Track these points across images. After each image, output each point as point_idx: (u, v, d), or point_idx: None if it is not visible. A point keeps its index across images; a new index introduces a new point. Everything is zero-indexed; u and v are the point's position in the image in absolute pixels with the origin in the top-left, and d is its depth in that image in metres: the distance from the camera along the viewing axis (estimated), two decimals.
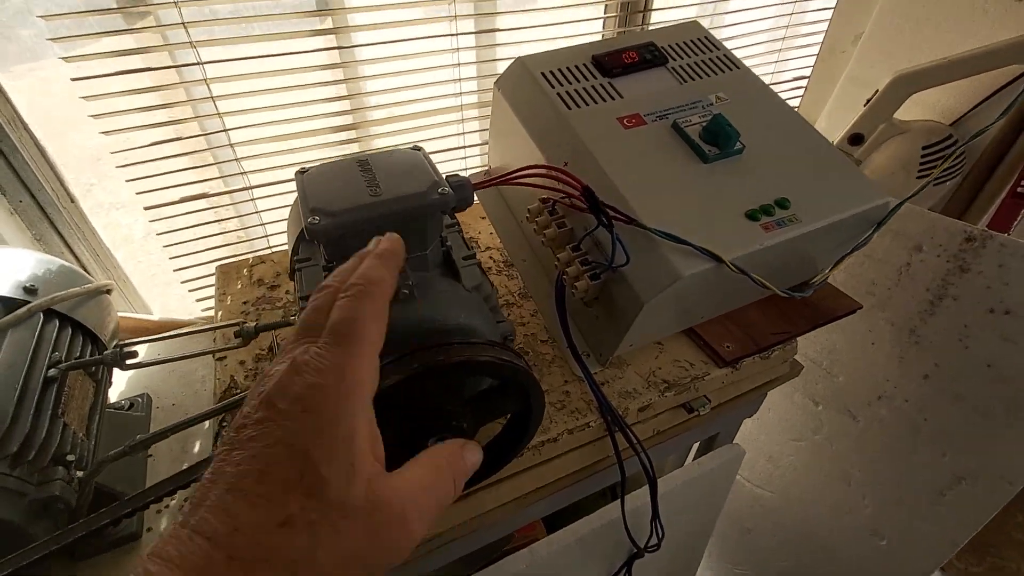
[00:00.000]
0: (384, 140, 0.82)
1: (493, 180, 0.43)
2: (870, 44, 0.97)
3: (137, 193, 0.67)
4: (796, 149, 0.53)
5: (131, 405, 0.59)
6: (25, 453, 0.40)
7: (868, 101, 0.79)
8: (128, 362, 0.48)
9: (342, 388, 0.21)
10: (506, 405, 0.41)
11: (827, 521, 0.87)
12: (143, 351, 0.69)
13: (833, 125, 1.01)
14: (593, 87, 0.56)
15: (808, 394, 0.87)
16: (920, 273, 0.69)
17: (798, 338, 0.60)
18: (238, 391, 0.54)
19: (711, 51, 0.61)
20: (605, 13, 0.90)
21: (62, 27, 0.55)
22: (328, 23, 0.71)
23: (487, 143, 0.78)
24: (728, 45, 1.03)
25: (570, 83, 0.56)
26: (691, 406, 0.56)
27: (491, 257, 0.71)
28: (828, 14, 1.06)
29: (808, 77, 1.12)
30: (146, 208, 0.69)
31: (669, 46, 0.61)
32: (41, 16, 0.53)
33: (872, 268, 0.75)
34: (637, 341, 0.54)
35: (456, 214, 0.52)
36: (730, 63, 0.60)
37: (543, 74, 0.56)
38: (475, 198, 0.44)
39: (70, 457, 0.44)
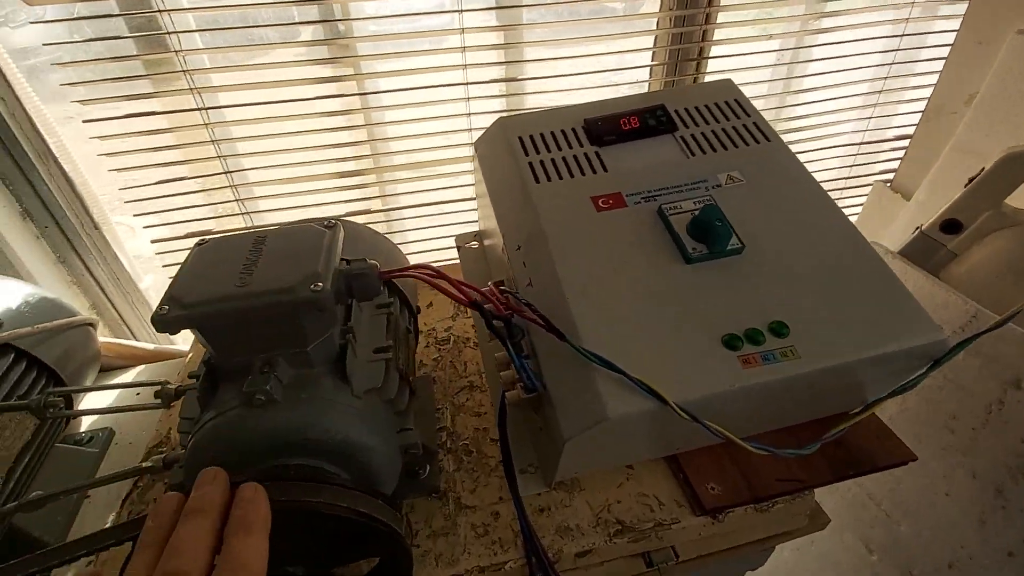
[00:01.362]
0: (399, 187, 0.80)
1: (391, 272, 0.37)
2: (984, 107, 0.78)
3: (144, 227, 0.70)
4: (819, 255, 0.41)
5: (90, 439, 0.60)
6: None
7: (971, 180, 0.62)
8: (50, 412, 0.47)
9: None
10: (358, 552, 0.34)
11: None
12: (131, 376, 0.70)
13: (934, 200, 0.82)
14: (575, 156, 0.48)
15: (861, 537, 0.69)
16: (1017, 417, 0.52)
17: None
18: (163, 450, 0.51)
19: (737, 118, 0.51)
20: (652, 60, 0.81)
21: (74, 74, 0.58)
22: (343, 69, 0.70)
23: None
24: (810, 97, 0.89)
25: (550, 151, 0.48)
26: (651, 558, 0.45)
27: (474, 326, 0.64)
28: (938, 65, 0.87)
29: (910, 137, 0.93)
30: (152, 241, 0.71)
31: (685, 110, 0.51)
32: (56, 64, 0.57)
33: (953, 397, 0.57)
34: (581, 470, 0.45)
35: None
36: (759, 133, 0.49)
37: (521, 139, 0.49)
38: (382, 287, 0.38)
39: None
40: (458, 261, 0.64)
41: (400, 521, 0.32)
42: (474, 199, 0.86)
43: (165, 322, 0.32)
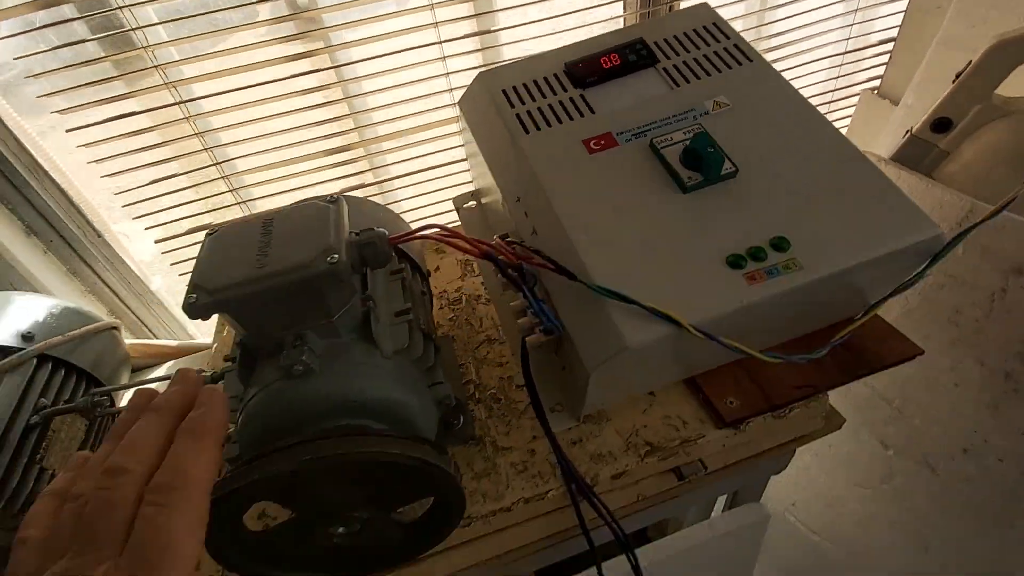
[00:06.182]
0: (388, 156, 0.80)
1: (401, 237, 0.38)
2: None
3: (146, 229, 0.70)
4: (812, 168, 0.42)
5: None
6: None
7: (959, 75, 0.62)
8: (99, 410, 0.50)
9: None
10: (415, 494, 0.36)
11: None
12: (163, 371, 0.73)
13: (923, 101, 0.81)
14: (561, 103, 0.48)
15: (876, 434, 0.73)
16: (1020, 304, 0.53)
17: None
18: None
19: (717, 41, 0.50)
20: None
21: (48, 84, 0.58)
22: (312, 43, 0.69)
23: None
24: (788, 10, 0.87)
25: (535, 100, 0.49)
26: (681, 472, 0.48)
27: (483, 283, 0.66)
28: None
29: (894, 40, 0.91)
30: (156, 241, 0.72)
31: (664, 40, 0.51)
32: (29, 76, 0.56)
33: (955, 292, 0.59)
34: (607, 401, 0.47)
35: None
36: (740, 55, 0.49)
37: (504, 91, 0.49)
38: (393, 253, 0.39)
39: None
40: (459, 222, 0.65)
41: (448, 462, 0.34)
42: (466, 159, 0.86)
43: (195, 308, 0.34)
